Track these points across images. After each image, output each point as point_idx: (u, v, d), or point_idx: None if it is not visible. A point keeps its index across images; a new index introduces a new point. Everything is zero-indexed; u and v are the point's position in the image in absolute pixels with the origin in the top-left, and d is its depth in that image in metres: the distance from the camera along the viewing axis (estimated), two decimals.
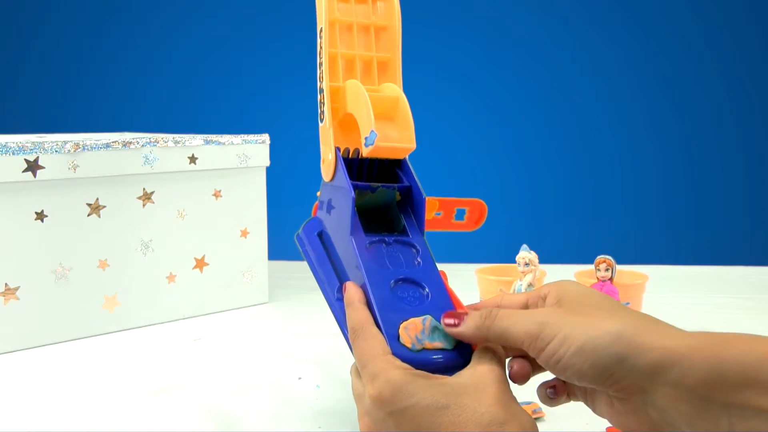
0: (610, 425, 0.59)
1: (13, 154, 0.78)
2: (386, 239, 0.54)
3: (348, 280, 0.53)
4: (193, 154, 0.92)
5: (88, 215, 0.85)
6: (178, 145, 0.91)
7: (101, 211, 0.86)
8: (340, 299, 0.53)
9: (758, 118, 2.25)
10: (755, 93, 2.24)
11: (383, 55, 0.60)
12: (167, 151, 0.90)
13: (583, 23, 2.26)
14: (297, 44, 2.30)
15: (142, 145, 0.88)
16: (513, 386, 0.68)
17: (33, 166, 0.80)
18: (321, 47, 0.58)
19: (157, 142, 0.89)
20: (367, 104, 0.53)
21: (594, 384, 0.42)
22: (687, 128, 2.27)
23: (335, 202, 0.56)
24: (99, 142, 0.85)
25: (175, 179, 0.92)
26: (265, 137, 0.99)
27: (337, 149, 0.57)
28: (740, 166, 2.26)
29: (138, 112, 2.36)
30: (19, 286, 0.81)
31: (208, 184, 0.95)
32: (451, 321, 0.47)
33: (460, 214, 0.80)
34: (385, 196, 0.57)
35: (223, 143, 0.95)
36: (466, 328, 0.46)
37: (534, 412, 0.62)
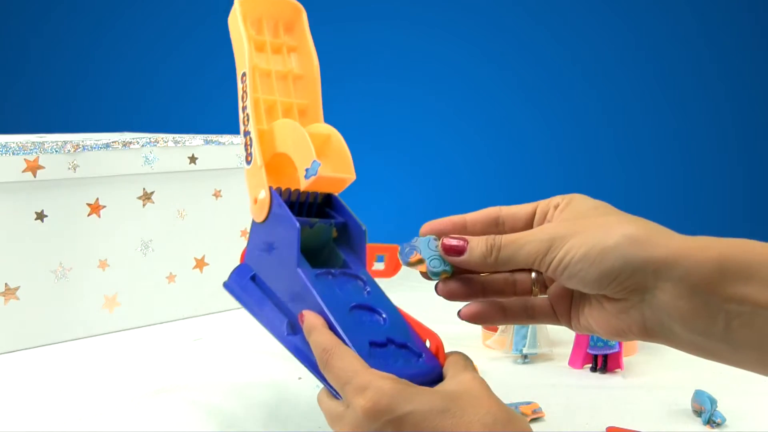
0: (610, 425, 0.59)
1: (13, 154, 0.78)
2: (332, 271, 0.53)
3: (294, 314, 0.52)
4: (193, 154, 0.92)
5: (88, 215, 0.85)
6: (178, 145, 0.91)
7: (101, 211, 0.86)
8: (292, 334, 0.52)
9: (758, 118, 2.25)
10: (755, 93, 2.24)
11: (302, 102, 0.61)
12: (167, 151, 0.90)
13: (583, 23, 2.26)
14: None
15: (142, 145, 0.88)
16: (514, 386, 0.68)
17: (33, 166, 0.80)
18: (244, 91, 0.58)
19: (157, 142, 0.89)
20: (305, 137, 0.54)
21: (596, 288, 0.42)
22: (687, 128, 2.27)
23: (273, 241, 0.55)
24: (99, 142, 0.85)
25: (175, 179, 0.92)
26: None
27: (270, 187, 0.55)
28: (740, 166, 2.26)
29: (138, 112, 2.36)
30: (19, 286, 0.81)
31: (208, 184, 0.95)
32: (453, 248, 0.46)
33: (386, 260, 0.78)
34: (322, 233, 0.56)
35: (223, 143, 0.95)
36: (471, 257, 0.45)
37: (534, 411, 0.62)
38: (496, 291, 0.49)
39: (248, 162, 0.57)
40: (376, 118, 2.27)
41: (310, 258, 0.54)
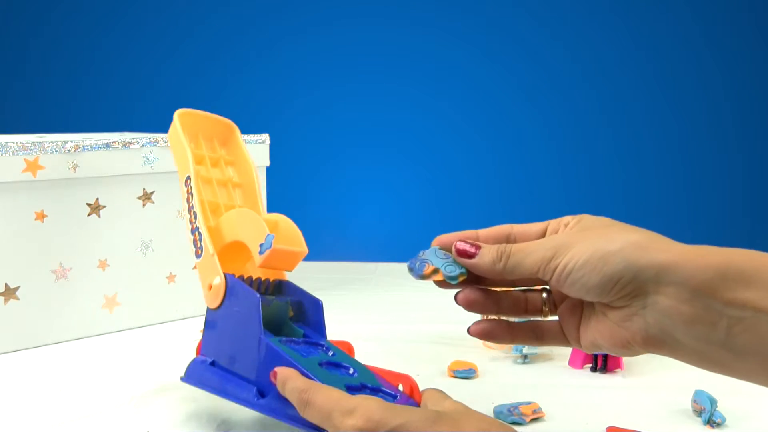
0: (610, 425, 0.59)
1: (13, 154, 0.78)
2: (294, 340, 0.55)
3: (262, 381, 0.52)
4: None
5: (88, 215, 0.85)
6: None
7: (101, 211, 0.86)
8: (262, 398, 0.52)
9: (758, 118, 2.25)
10: (755, 93, 2.24)
11: (244, 207, 0.63)
12: (167, 151, 0.90)
13: (583, 23, 2.26)
14: (297, 44, 2.30)
15: (142, 145, 0.88)
16: (514, 386, 0.68)
17: (33, 166, 0.80)
18: (189, 193, 0.61)
19: (157, 142, 0.89)
20: (256, 216, 0.56)
21: (598, 293, 0.43)
22: (687, 128, 2.27)
23: (232, 321, 0.56)
24: (99, 142, 0.85)
25: (175, 179, 0.91)
26: (265, 137, 0.99)
27: (225, 273, 0.57)
28: (740, 166, 2.26)
29: (138, 112, 2.36)
30: (19, 286, 0.81)
31: None
32: (465, 251, 0.47)
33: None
34: (279, 311, 0.58)
35: None
36: (482, 261, 0.46)
37: (534, 411, 0.62)
38: (509, 308, 0.49)
39: (198, 255, 0.59)
40: (377, 118, 2.27)
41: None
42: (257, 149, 0.98)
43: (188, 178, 0.61)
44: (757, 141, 2.26)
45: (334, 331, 0.76)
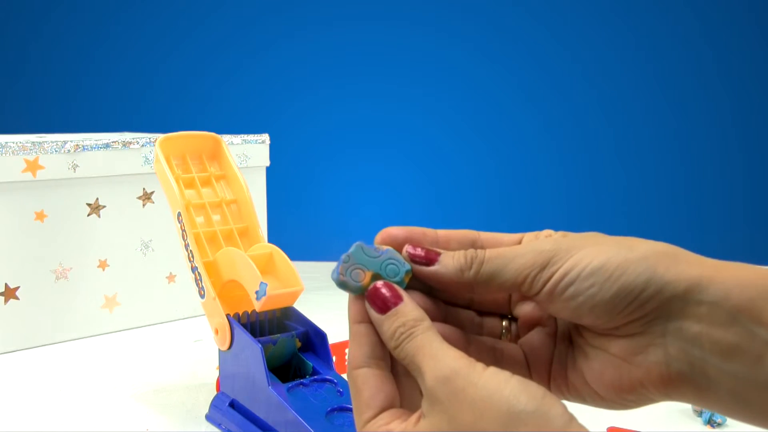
0: (610, 425, 0.59)
1: (13, 154, 0.78)
2: (303, 382, 0.56)
3: (274, 427, 0.54)
4: None
5: (88, 215, 0.85)
6: None
7: (101, 211, 0.86)
8: None
9: (758, 118, 2.25)
10: (755, 93, 2.24)
11: (241, 225, 0.64)
12: None
13: (583, 23, 2.26)
14: (297, 44, 2.30)
15: (142, 145, 0.88)
16: None
17: (33, 166, 0.80)
18: (183, 230, 0.62)
19: None
20: (249, 262, 0.57)
21: (606, 313, 0.33)
22: (687, 128, 2.27)
23: (242, 365, 0.58)
24: (99, 142, 0.85)
25: None
26: (265, 137, 0.99)
27: (228, 315, 0.59)
28: (740, 166, 2.26)
29: (138, 112, 2.36)
30: (19, 286, 0.81)
31: None
32: (421, 258, 0.35)
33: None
34: (286, 347, 0.59)
35: None
36: (446, 270, 0.35)
37: None
38: (457, 323, 0.37)
39: (202, 296, 0.61)
40: (377, 118, 2.27)
41: (281, 371, 0.58)
42: (257, 149, 0.98)
43: (179, 213, 0.62)
44: (758, 141, 2.26)
45: (334, 332, 0.76)
